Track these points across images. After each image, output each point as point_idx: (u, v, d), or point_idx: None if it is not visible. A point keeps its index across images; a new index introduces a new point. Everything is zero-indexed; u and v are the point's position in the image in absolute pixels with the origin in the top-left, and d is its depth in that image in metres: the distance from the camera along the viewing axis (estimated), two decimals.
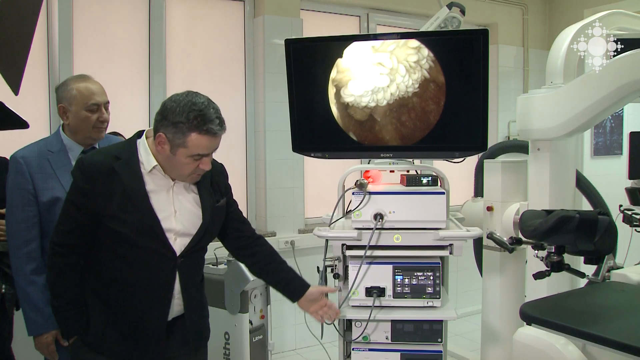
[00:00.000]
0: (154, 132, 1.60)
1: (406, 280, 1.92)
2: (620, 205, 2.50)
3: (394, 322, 1.96)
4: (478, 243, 2.70)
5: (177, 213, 1.65)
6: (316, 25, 3.87)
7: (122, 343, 1.63)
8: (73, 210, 1.60)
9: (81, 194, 1.58)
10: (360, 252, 1.91)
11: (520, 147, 2.68)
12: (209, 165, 1.62)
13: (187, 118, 1.53)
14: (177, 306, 1.68)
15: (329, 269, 2.02)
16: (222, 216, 1.79)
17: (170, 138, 1.55)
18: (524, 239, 1.76)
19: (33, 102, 2.94)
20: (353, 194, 1.96)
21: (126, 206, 1.57)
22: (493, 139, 4.34)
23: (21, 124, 1.31)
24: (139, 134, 1.68)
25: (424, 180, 2.04)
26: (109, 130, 2.04)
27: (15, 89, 1.20)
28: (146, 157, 1.62)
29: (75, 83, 1.99)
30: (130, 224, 1.57)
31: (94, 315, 1.64)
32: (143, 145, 1.64)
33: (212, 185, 1.76)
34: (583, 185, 2.65)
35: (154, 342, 1.65)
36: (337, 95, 2.06)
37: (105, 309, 1.63)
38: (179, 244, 1.64)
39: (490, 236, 2.09)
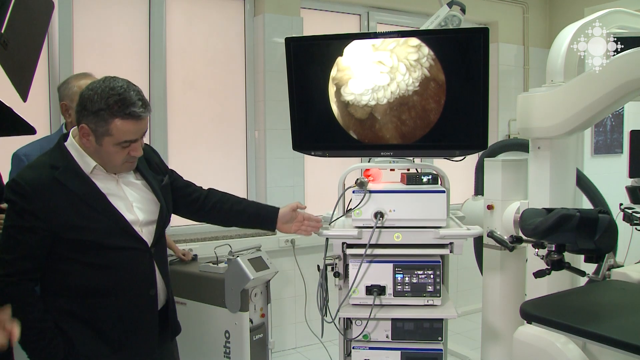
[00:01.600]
0: (77, 125, 1.53)
1: (406, 278, 1.92)
2: (621, 204, 2.50)
3: (394, 321, 1.96)
4: (478, 241, 2.71)
5: (134, 204, 1.61)
6: (316, 24, 3.87)
7: (113, 356, 1.56)
8: (21, 235, 1.46)
9: (28, 216, 1.45)
10: (361, 251, 1.91)
11: (521, 145, 2.68)
12: (140, 150, 1.55)
13: (107, 104, 1.46)
14: (161, 300, 1.67)
15: (329, 268, 2.02)
16: (169, 193, 1.78)
17: (93, 128, 1.48)
18: (524, 237, 1.76)
19: (33, 102, 2.94)
20: (353, 192, 1.96)
21: (86, 213, 1.49)
22: (493, 138, 4.35)
23: (28, 130, 1.32)
24: (65, 137, 1.59)
25: (424, 179, 2.04)
26: None
27: (24, 95, 1.20)
28: (82, 160, 1.54)
29: (77, 80, 2.02)
30: (96, 229, 1.50)
31: (76, 337, 1.53)
32: (74, 148, 1.55)
33: (152, 167, 1.73)
34: (583, 183, 2.65)
35: (148, 342, 1.62)
36: (338, 93, 2.06)
37: (87, 327, 1.54)
38: (146, 234, 1.62)
39: (491, 235, 2.09)
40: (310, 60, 2.08)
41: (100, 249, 1.52)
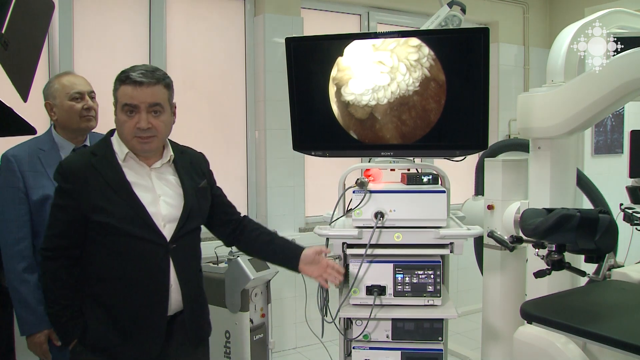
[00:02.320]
0: None
1: (407, 278, 1.92)
2: (621, 204, 2.50)
3: (394, 321, 1.96)
4: (479, 242, 2.71)
5: (162, 198, 1.66)
6: (317, 24, 3.87)
7: (122, 344, 1.61)
8: (59, 212, 1.62)
9: (65, 195, 1.60)
10: (361, 251, 1.91)
11: (521, 145, 2.68)
12: (145, 122, 1.60)
13: (119, 73, 1.62)
14: (175, 301, 1.66)
15: None
16: (206, 198, 1.80)
17: (114, 101, 1.64)
18: (524, 237, 1.76)
19: (32, 102, 2.93)
20: (354, 192, 1.97)
21: (110, 197, 1.59)
22: (494, 138, 4.35)
23: (29, 130, 1.33)
24: (112, 131, 1.72)
25: (425, 179, 2.04)
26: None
27: (24, 95, 1.21)
28: (119, 147, 1.66)
29: (58, 79, 2.06)
30: (116, 213, 1.58)
31: (91, 317, 1.63)
32: (115, 138, 1.68)
33: (194, 170, 1.78)
34: (584, 183, 2.65)
35: (155, 339, 1.63)
36: (338, 93, 2.06)
37: (102, 310, 1.62)
38: (168, 230, 1.64)
39: (491, 235, 2.09)
40: (310, 60, 2.08)
41: (119, 235, 1.59)
